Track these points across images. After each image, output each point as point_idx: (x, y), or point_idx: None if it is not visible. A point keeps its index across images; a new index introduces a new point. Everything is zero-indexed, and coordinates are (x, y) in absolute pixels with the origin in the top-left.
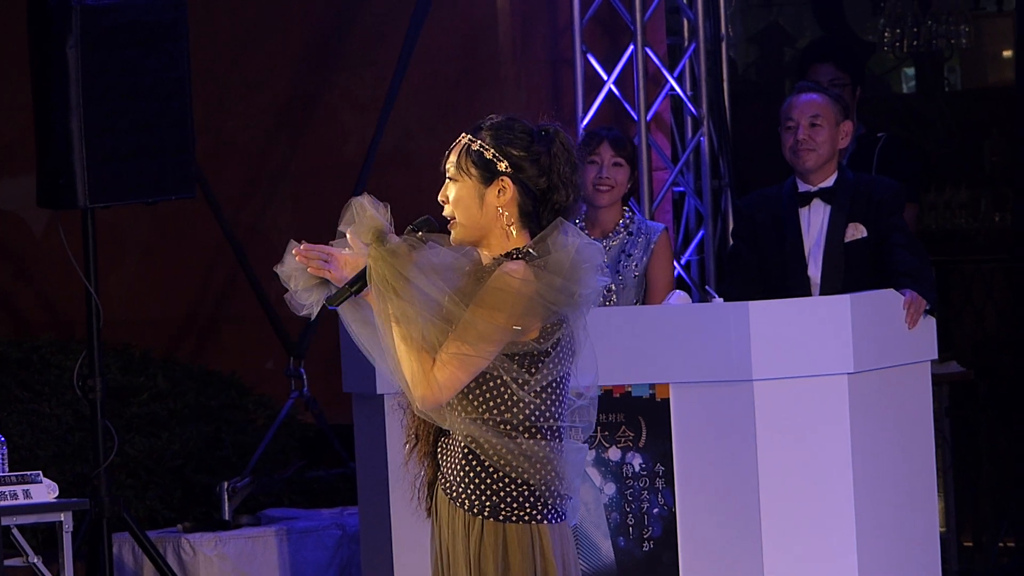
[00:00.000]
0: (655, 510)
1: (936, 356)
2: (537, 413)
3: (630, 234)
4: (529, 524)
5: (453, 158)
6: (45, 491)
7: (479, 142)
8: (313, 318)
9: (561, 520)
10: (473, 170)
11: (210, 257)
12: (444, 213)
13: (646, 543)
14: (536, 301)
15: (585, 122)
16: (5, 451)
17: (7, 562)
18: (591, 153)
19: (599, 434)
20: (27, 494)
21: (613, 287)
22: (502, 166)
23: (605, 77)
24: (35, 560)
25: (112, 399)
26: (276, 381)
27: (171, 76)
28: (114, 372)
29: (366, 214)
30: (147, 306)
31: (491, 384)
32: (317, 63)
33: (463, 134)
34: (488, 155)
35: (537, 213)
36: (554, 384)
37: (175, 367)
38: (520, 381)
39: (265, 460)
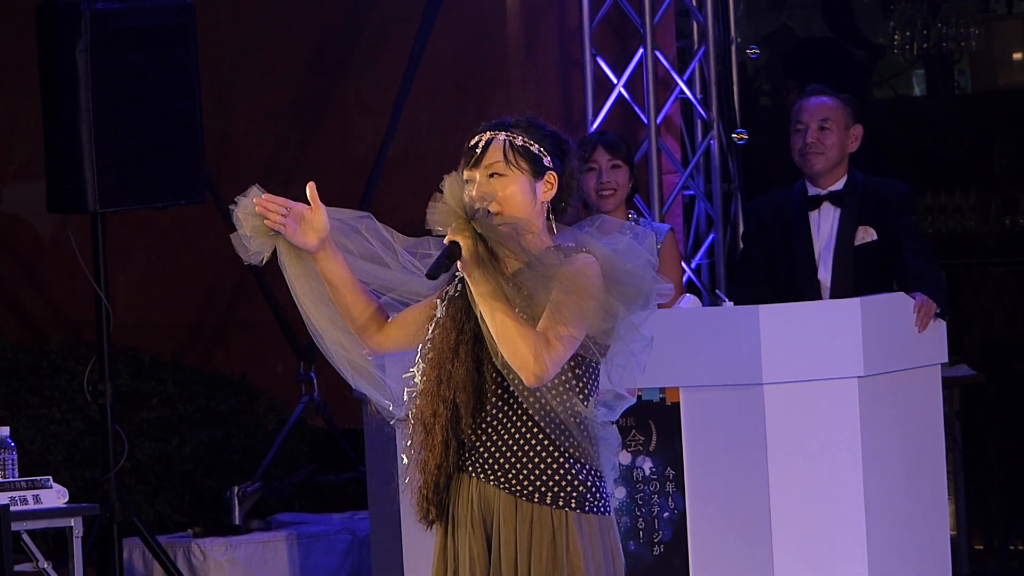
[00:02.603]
0: (665, 514)
1: (946, 359)
2: (595, 402)
3: (635, 236)
4: (604, 515)
5: (496, 155)
6: (55, 496)
7: (520, 137)
8: (261, 263)
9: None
10: (524, 164)
11: (219, 262)
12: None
13: (656, 547)
14: (615, 297)
15: (595, 125)
16: (15, 456)
17: (17, 567)
18: (587, 160)
19: None
20: (37, 499)
21: None
22: (547, 161)
23: (615, 80)
24: (45, 565)
25: (122, 404)
26: (286, 386)
27: (180, 80)
28: (124, 377)
29: (458, 189)
30: (156, 311)
31: (575, 371)
32: (326, 65)
33: (488, 132)
34: (534, 150)
35: (556, 208)
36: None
37: (185, 372)
38: (594, 373)
39: (275, 465)
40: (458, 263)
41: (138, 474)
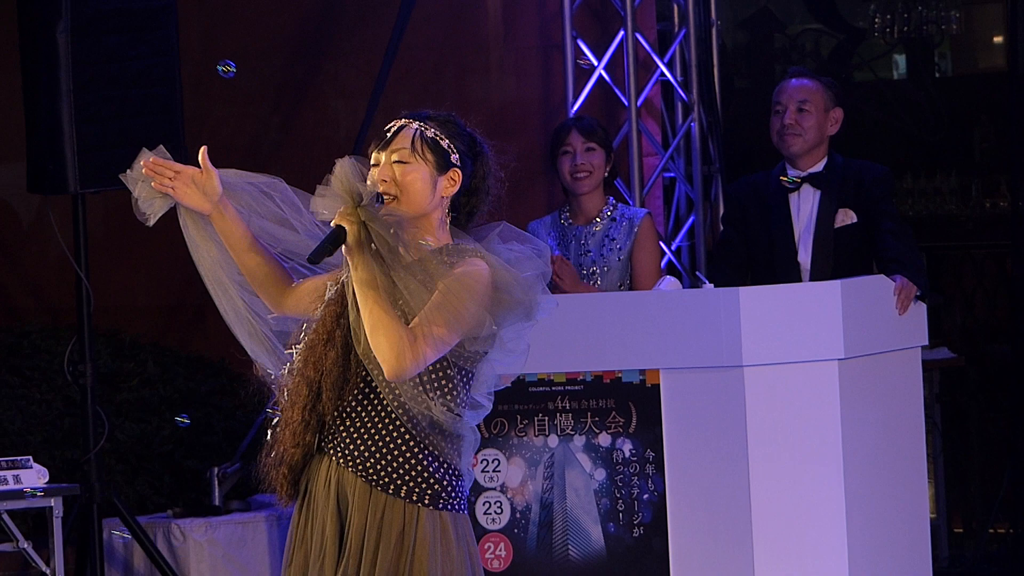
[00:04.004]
0: (645, 496)
1: (927, 342)
2: (460, 409)
3: (613, 220)
4: (459, 513)
5: (404, 141)
6: (35, 477)
7: (432, 129)
8: (150, 225)
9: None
10: (429, 156)
11: None
12: (382, 190)
13: (636, 529)
14: (500, 305)
15: (575, 108)
16: None
17: None
18: (563, 144)
19: (589, 420)
20: (17, 479)
21: (597, 270)
22: (454, 158)
23: (595, 63)
24: (25, 545)
25: (102, 385)
26: None
27: (160, 63)
28: (104, 358)
29: (347, 174)
30: (137, 293)
31: (446, 372)
32: (306, 50)
33: (404, 119)
34: (443, 144)
35: (458, 211)
36: (471, 384)
37: (165, 353)
38: (463, 376)
39: (255, 445)
40: (343, 248)
41: (118, 455)
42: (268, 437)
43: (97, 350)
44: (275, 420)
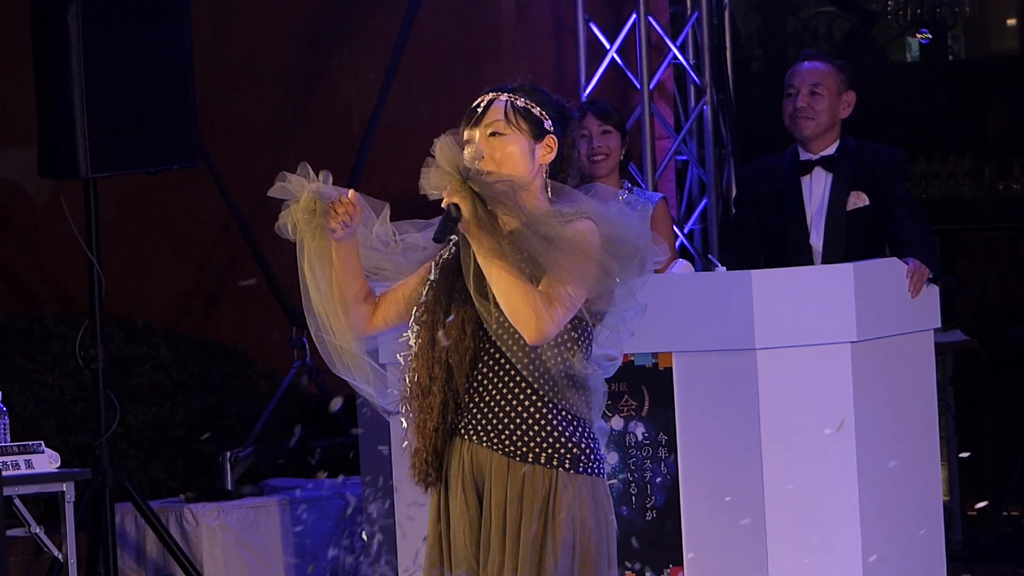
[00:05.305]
0: (658, 479)
1: (939, 325)
2: (592, 364)
3: (627, 204)
4: (597, 477)
5: (497, 114)
6: (47, 461)
7: (521, 99)
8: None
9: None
10: (524, 125)
11: (214, 228)
12: (479, 167)
13: (649, 512)
14: (616, 258)
15: (588, 91)
16: (7, 421)
17: (9, 532)
18: (579, 128)
19: None
20: (29, 464)
21: None
22: (547, 125)
23: (608, 46)
24: (37, 530)
25: (115, 369)
26: (279, 351)
27: (173, 48)
28: (117, 342)
29: (450, 150)
30: (150, 278)
31: (577, 327)
32: (319, 35)
33: (491, 92)
34: (536, 112)
35: (554, 177)
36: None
37: (178, 337)
38: (590, 334)
39: (268, 430)
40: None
41: (131, 439)
42: (404, 425)
43: (110, 335)
44: (406, 408)
